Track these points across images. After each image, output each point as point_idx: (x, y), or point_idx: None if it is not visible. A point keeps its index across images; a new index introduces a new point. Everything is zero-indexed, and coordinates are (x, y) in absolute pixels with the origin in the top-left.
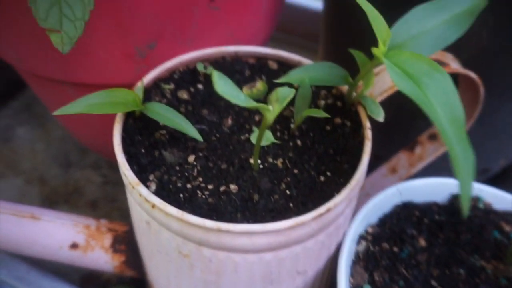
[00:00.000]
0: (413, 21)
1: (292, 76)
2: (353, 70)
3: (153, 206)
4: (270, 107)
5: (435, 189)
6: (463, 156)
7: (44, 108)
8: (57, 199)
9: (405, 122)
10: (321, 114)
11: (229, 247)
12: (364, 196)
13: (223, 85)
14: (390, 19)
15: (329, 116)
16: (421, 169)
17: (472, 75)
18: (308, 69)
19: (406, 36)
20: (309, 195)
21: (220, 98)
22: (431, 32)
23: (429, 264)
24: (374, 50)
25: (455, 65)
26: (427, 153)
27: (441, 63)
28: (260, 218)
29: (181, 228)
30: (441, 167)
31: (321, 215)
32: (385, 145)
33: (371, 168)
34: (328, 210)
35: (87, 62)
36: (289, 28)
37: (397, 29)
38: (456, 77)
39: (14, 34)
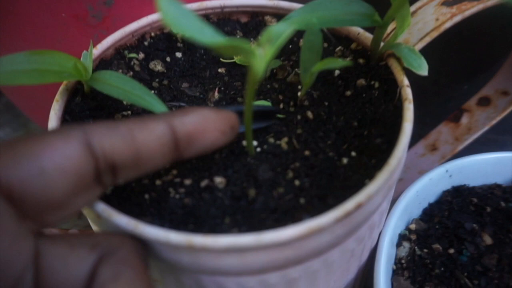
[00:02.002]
0: None
1: (294, 18)
2: (379, 9)
3: (98, 216)
4: (258, 49)
5: (496, 167)
6: None
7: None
8: None
9: (443, 87)
10: (338, 63)
11: (213, 270)
12: (397, 183)
13: (177, 15)
14: None
15: (350, 63)
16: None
17: None
18: (317, 8)
19: None
20: (327, 185)
21: (205, 68)
22: None
23: (501, 269)
24: None
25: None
26: (478, 122)
27: None
28: (258, 223)
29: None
30: (495, 141)
31: (348, 214)
32: (419, 117)
33: None
34: (359, 206)
35: (30, 32)
36: None
37: None
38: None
39: None
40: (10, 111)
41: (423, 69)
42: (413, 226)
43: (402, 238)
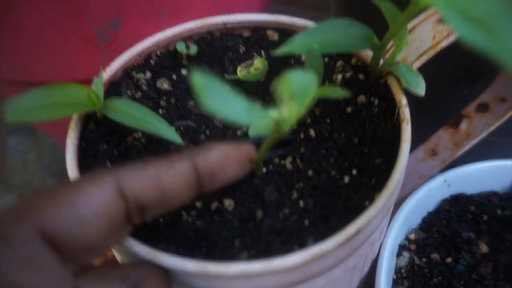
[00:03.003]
0: None
1: (295, 43)
2: (376, 30)
3: (120, 246)
4: (285, 111)
5: (493, 175)
6: None
7: None
8: None
9: (443, 93)
10: (339, 93)
11: None
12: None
13: (212, 96)
14: None
15: (349, 94)
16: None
17: None
18: (317, 32)
19: None
20: (330, 205)
21: None
22: None
23: (496, 277)
24: None
25: None
26: (477, 128)
27: None
28: (265, 245)
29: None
30: (494, 143)
31: (349, 239)
32: (419, 121)
33: None
34: (359, 231)
35: (40, 56)
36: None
37: None
38: None
39: None
40: None
41: (421, 88)
42: (412, 236)
43: (402, 248)
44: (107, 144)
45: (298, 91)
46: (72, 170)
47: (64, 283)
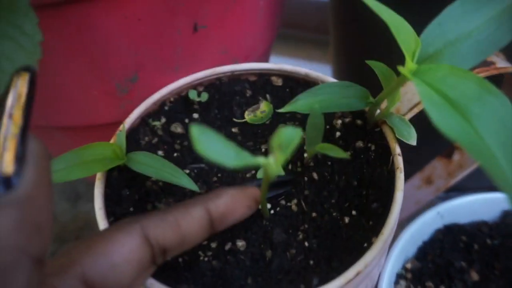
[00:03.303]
0: (449, 22)
1: (299, 104)
2: (371, 71)
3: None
4: (271, 159)
5: (483, 206)
6: None
7: None
8: (67, 236)
9: None
10: (338, 154)
11: None
12: None
13: (206, 143)
14: (415, 22)
15: (347, 156)
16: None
17: None
18: (318, 93)
19: (441, 43)
20: (332, 245)
21: (219, 127)
22: (474, 34)
23: None
24: (401, 69)
25: (502, 63)
26: (468, 160)
27: (484, 63)
28: (275, 284)
29: None
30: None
31: (349, 281)
32: (417, 149)
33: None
34: (358, 273)
35: (66, 106)
36: (298, 23)
37: (428, 35)
38: (499, 75)
39: None
40: None
41: (412, 139)
42: (408, 265)
43: (399, 277)
44: (129, 189)
45: (284, 143)
46: (101, 218)
47: None
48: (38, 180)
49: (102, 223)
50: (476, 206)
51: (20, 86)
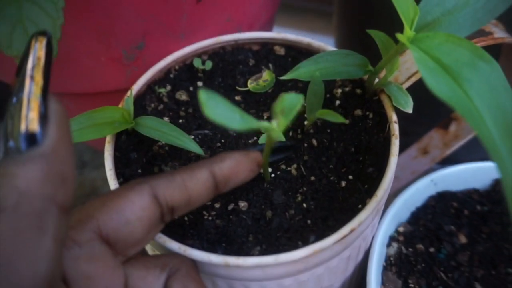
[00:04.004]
0: None
1: (300, 71)
2: (373, 42)
3: (155, 241)
4: (274, 124)
5: (474, 175)
6: None
7: None
8: (74, 202)
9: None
10: (336, 118)
11: (242, 278)
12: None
13: (213, 107)
14: None
15: (345, 121)
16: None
17: None
18: (319, 60)
19: (439, 11)
20: (329, 207)
21: (223, 95)
22: (471, 3)
23: (471, 264)
24: (399, 36)
25: (500, 33)
26: (464, 130)
27: (481, 32)
28: (275, 240)
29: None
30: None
31: (344, 237)
32: (415, 120)
33: (400, 147)
34: (352, 231)
35: (74, 72)
36: None
37: (427, 4)
38: (498, 44)
39: None
40: None
41: (409, 107)
42: (401, 229)
43: (391, 239)
44: (136, 153)
45: (286, 108)
46: (111, 178)
47: (117, 271)
48: (60, 137)
49: (112, 182)
50: (468, 175)
51: (39, 50)
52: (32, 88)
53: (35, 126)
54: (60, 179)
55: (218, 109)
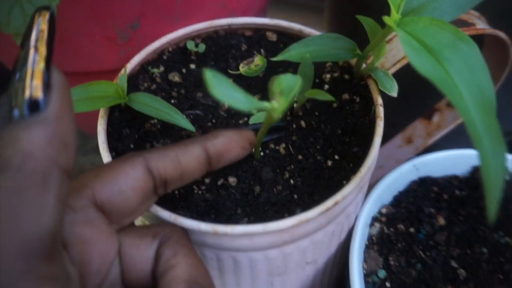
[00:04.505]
0: None
1: (291, 53)
2: (362, 33)
3: (147, 211)
4: (275, 103)
5: (455, 161)
6: (492, 152)
7: None
8: None
9: (421, 88)
10: (325, 96)
11: (229, 248)
12: (377, 168)
13: (219, 86)
14: None
15: (333, 99)
16: (439, 138)
17: (502, 35)
18: (309, 43)
19: None
20: (315, 183)
21: None
22: None
23: (448, 244)
24: (386, 19)
25: (481, 25)
26: (446, 121)
27: (465, 23)
28: (262, 213)
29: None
30: (462, 132)
31: (328, 209)
32: (400, 112)
33: (386, 137)
34: (336, 203)
35: (69, 51)
36: None
37: None
38: (481, 36)
39: None
40: None
41: (394, 91)
42: (384, 210)
43: (374, 220)
44: (129, 129)
45: (285, 89)
46: (104, 151)
47: (111, 238)
48: (62, 104)
49: (105, 155)
50: (449, 161)
51: (42, 23)
52: (36, 58)
53: (39, 93)
54: (63, 144)
55: (222, 88)
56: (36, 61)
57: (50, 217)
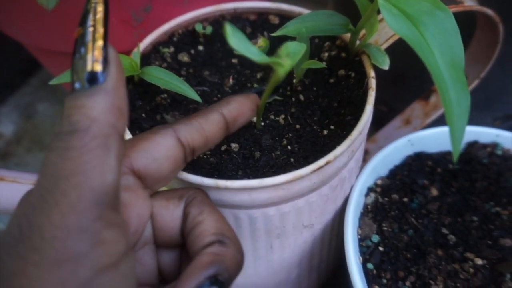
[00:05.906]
0: None
1: (289, 28)
2: (354, 16)
3: None
4: (282, 61)
5: (448, 138)
6: (457, 100)
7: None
8: None
9: (419, 71)
10: (319, 65)
11: (230, 204)
12: (377, 149)
13: (237, 39)
14: None
15: (326, 67)
16: (436, 119)
17: (490, 12)
18: (306, 19)
19: None
20: (311, 149)
21: (221, 58)
22: None
23: (440, 212)
24: None
25: (470, 2)
26: None
27: (453, 1)
28: (261, 174)
29: (182, 186)
30: None
31: (320, 167)
32: (400, 96)
33: (386, 121)
34: (328, 163)
35: None
36: None
37: None
38: (474, 16)
39: (16, 10)
40: (46, 88)
41: (385, 64)
42: (379, 182)
43: (369, 190)
44: (141, 101)
45: (292, 52)
46: None
47: (146, 201)
48: (118, 77)
49: None
50: (443, 137)
51: (98, 4)
52: (95, 36)
53: (99, 67)
54: (120, 111)
55: (240, 41)
56: (95, 38)
57: (112, 174)
